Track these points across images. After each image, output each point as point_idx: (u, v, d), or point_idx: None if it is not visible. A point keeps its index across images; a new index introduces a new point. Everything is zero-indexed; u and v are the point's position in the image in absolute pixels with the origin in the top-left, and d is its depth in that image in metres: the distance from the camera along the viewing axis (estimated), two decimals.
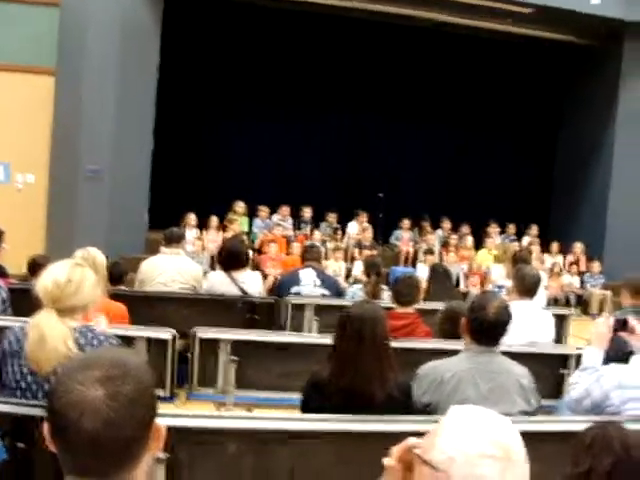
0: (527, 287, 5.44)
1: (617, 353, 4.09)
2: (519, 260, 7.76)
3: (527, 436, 1.61)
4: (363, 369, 3.34)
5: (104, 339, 3.10)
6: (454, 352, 3.91)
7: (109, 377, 1.42)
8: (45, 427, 1.46)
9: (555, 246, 14.45)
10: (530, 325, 5.09)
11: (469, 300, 11.44)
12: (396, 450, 1.68)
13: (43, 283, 3.07)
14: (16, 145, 11.76)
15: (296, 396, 4.47)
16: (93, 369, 1.42)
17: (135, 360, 1.52)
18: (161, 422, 1.52)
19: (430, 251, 13.06)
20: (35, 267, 6.58)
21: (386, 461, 1.69)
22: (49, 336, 2.94)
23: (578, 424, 3.45)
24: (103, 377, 1.41)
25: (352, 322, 3.44)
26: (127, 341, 4.38)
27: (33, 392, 3.00)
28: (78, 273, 3.12)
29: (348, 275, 12.32)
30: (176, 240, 6.61)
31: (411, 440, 1.64)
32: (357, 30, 15.03)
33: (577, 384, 3.75)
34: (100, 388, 1.40)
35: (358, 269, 12.01)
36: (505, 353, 3.80)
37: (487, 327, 3.59)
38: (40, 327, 2.96)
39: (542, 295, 7.29)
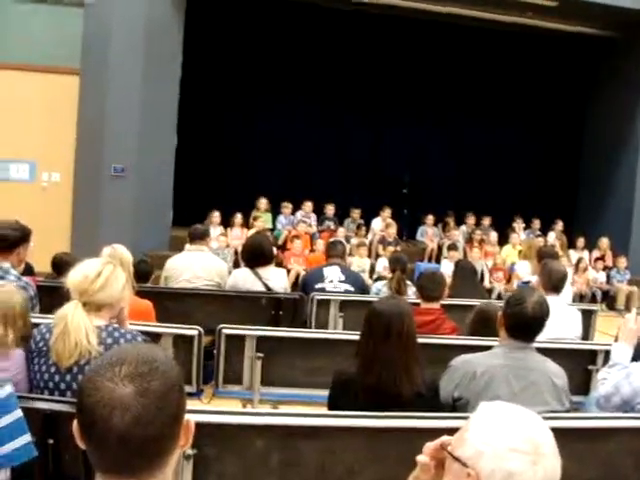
0: (553, 283, 5.40)
1: None
2: (545, 255, 7.71)
3: (555, 432, 1.60)
4: (390, 366, 3.32)
5: (131, 337, 3.11)
6: (481, 348, 3.89)
7: (138, 373, 1.42)
8: (74, 425, 1.47)
9: (581, 241, 14.35)
10: (557, 321, 5.04)
11: (495, 295, 11.41)
12: (429, 447, 1.67)
13: (73, 276, 3.11)
14: (41, 144, 11.86)
15: (321, 393, 4.47)
16: (122, 366, 1.43)
17: (163, 356, 1.52)
18: (190, 419, 1.52)
19: (454, 247, 13.00)
20: (59, 265, 6.63)
21: (419, 458, 1.68)
22: (72, 329, 2.96)
23: (607, 421, 3.43)
24: (132, 373, 1.42)
25: (378, 318, 3.41)
26: (153, 338, 4.39)
27: (61, 391, 3.01)
28: (109, 270, 3.14)
29: (372, 271, 12.29)
30: (200, 237, 6.62)
31: (444, 438, 1.63)
32: (379, 25, 15.03)
33: (606, 380, 3.71)
34: (129, 385, 1.40)
35: (382, 265, 11.99)
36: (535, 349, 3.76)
37: (524, 322, 3.55)
38: (65, 318, 2.98)
39: (568, 291, 7.23)
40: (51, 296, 5.45)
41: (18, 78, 11.81)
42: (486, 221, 14.64)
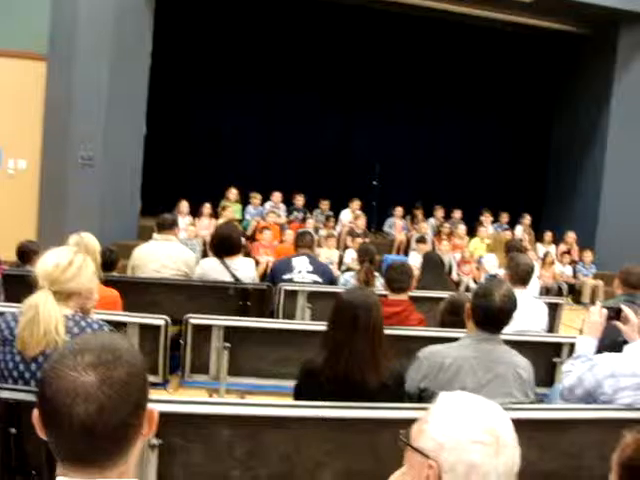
0: (520, 276, 5.44)
1: (610, 342, 4.09)
2: (512, 249, 7.78)
3: (520, 424, 1.61)
4: (357, 356, 3.33)
5: (98, 327, 3.08)
6: (448, 340, 3.90)
7: (101, 362, 1.40)
8: (35, 414, 1.45)
9: (548, 235, 14.48)
10: (523, 314, 5.08)
11: (462, 288, 11.48)
12: None
13: (44, 264, 3.05)
14: (8, 131, 11.69)
15: (289, 383, 4.47)
16: (84, 354, 1.41)
17: (126, 344, 1.50)
18: (154, 408, 1.51)
19: (423, 239, 13.05)
20: (24, 253, 6.58)
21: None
22: (42, 318, 2.92)
23: (570, 412, 3.47)
24: (95, 362, 1.40)
25: (345, 309, 3.42)
26: (120, 327, 4.37)
27: (25, 380, 2.97)
28: (80, 259, 3.11)
29: (341, 262, 12.31)
30: (168, 227, 6.56)
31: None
32: (353, 15, 15.03)
33: (570, 372, 3.75)
34: (92, 373, 1.39)
35: (350, 256, 12.01)
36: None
37: (492, 314, 3.57)
38: (35, 307, 2.94)
39: (535, 284, 7.30)
40: (16, 285, 5.41)
41: None
42: (457, 214, 14.73)
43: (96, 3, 11.39)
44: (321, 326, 4.64)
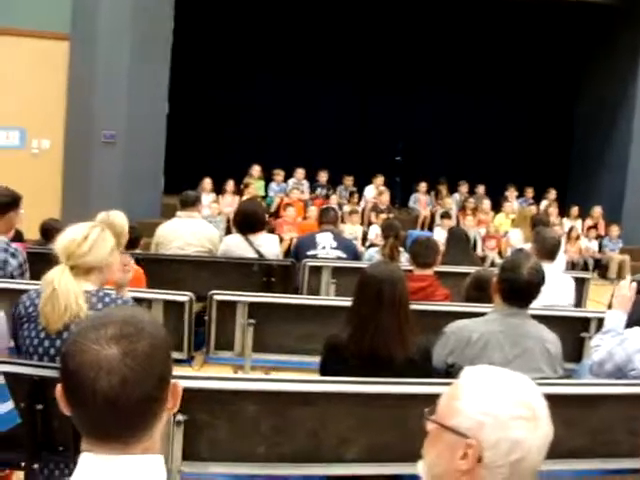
0: (547, 249, 5.38)
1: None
2: (538, 223, 7.69)
3: (548, 399, 1.57)
4: (382, 331, 3.30)
5: (122, 303, 3.08)
6: (474, 315, 3.87)
7: (123, 334, 1.38)
8: (58, 389, 1.43)
9: (574, 210, 14.34)
10: (551, 288, 5.02)
11: (488, 263, 11.41)
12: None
13: (60, 240, 3.06)
14: (31, 111, 11.74)
15: (313, 359, 4.46)
16: (107, 327, 1.39)
17: (148, 317, 1.48)
18: (178, 382, 1.49)
19: (447, 215, 12.98)
20: (47, 231, 6.60)
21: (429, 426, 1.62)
22: (61, 293, 2.92)
23: (599, 387, 3.42)
24: (117, 335, 1.37)
25: (370, 283, 3.39)
26: (144, 304, 4.37)
27: (51, 357, 2.98)
28: (95, 232, 3.10)
29: (365, 238, 12.27)
30: (191, 203, 6.55)
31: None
32: None
33: (599, 347, 3.70)
34: (115, 346, 1.36)
35: (374, 232, 11.97)
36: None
37: (519, 288, 3.52)
38: (52, 282, 2.94)
39: (562, 259, 7.22)
40: (40, 262, 5.41)
41: (7, 43, 11.64)
42: (480, 189, 14.62)
43: None
44: (346, 302, 4.62)
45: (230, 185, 12.88)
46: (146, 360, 1.38)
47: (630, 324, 3.80)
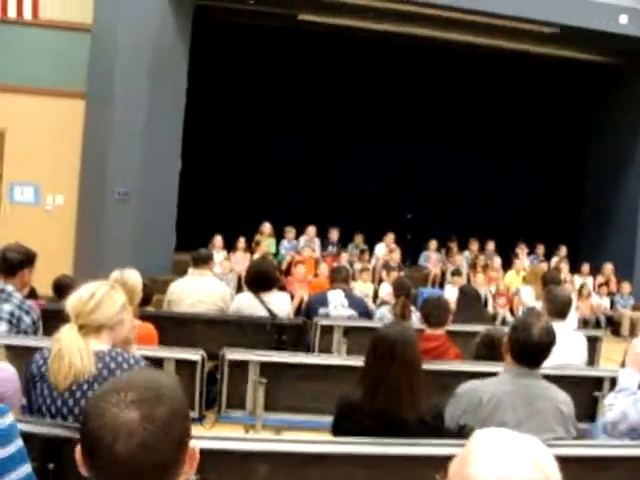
0: (559, 308, 5.37)
1: None
2: (549, 281, 7.68)
3: (563, 460, 1.57)
4: (394, 391, 3.30)
5: (134, 362, 3.09)
6: (486, 374, 3.86)
7: (143, 399, 1.40)
8: (77, 450, 1.44)
9: (585, 267, 14.30)
10: (563, 347, 5.01)
11: (499, 321, 11.36)
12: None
13: (70, 299, 3.11)
14: (46, 167, 11.91)
15: (325, 419, 4.43)
16: (127, 391, 1.41)
17: (168, 382, 1.50)
18: (195, 446, 1.50)
19: (458, 272, 12.97)
20: (60, 288, 6.64)
21: None
22: (66, 351, 2.93)
23: (615, 449, 3.39)
24: (137, 399, 1.39)
25: (383, 343, 3.40)
26: (156, 362, 4.36)
27: (63, 415, 2.98)
28: (103, 290, 3.13)
29: (376, 296, 12.26)
30: (203, 261, 6.59)
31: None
32: (382, 52, 15.14)
33: (613, 406, 3.68)
34: (134, 410, 1.38)
35: (385, 290, 11.95)
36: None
37: (530, 348, 3.52)
38: (59, 340, 2.97)
39: (573, 317, 7.20)
40: (53, 319, 5.44)
41: (24, 101, 11.87)
42: (490, 246, 14.62)
43: (134, 42, 11.59)
44: (357, 361, 4.62)
45: (241, 242, 12.94)
46: (165, 425, 1.39)
47: None
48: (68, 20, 11.97)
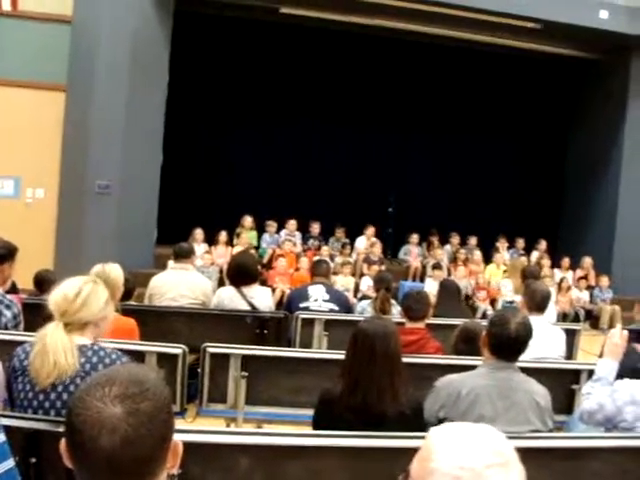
0: (537, 302, 5.42)
1: (630, 367, 4.07)
2: (528, 275, 7.75)
3: (540, 452, 1.60)
4: (375, 385, 3.34)
5: (116, 357, 3.10)
6: (465, 368, 3.90)
7: (128, 394, 1.42)
8: (62, 444, 1.46)
9: (565, 261, 14.40)
10: (541, 341, 5.07)
11: (479, 315, 11.43)
12: None
13: (53, 296, 3.10)
14: (26, 160, 11.83)
15: (305, 412, 4.47)
16: (112, 386, 1.43)
17: (153, 377, 1.52)
18: (179, 441, 1.52)
19: (438, 266, 13.03)
20: (41, 282, 6.64)
21: None
22: (51, 349, 2.95)
23: (591, 440, 3.45)
24: (122, 394, 1.42)
25: (364, 338, 3.43)
26: (138, 356, 4.36)
27: (45, 410, 2.99)
28: (88, 288, 3.13)
29: (357, 290, 12.30)
30: (185, 255, 6.61)
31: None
32: (368, 43, 15.13)
33: (590, 395, 3.74)
34: (119, 405, 1.40)
35: (366, 284, 12.01)
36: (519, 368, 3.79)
37: (508, 342, 3.58)
38: (44, 339, 2.97)
39: (552, 310, 7.26)
40: (35, 314, 5.43)
41: (4, 93, 11.79)
42: (472, 241, 14.66)
43: (114, 35, 11.54)
44: (338, 355, 4.65)
45: (222, 236, 12.92)
46: (149, 420, 1.42)
47: (621, 372, 3.84)
48: (48, 12, 11.87)
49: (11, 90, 11.81)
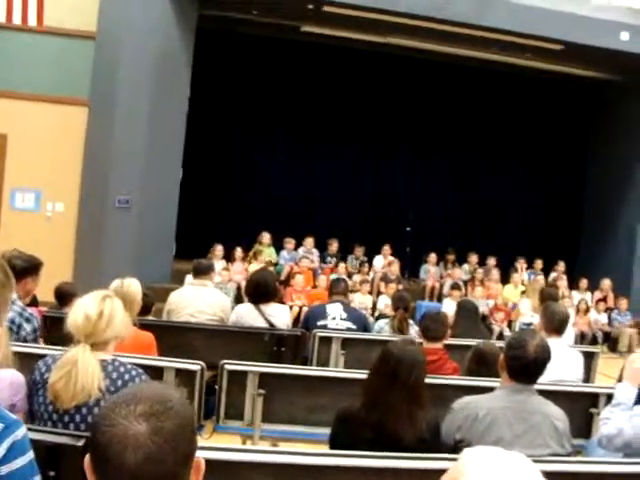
0: (555, 325, 5.38)
1: None
2: (547, 297, 7.71)
3: (558, 477, 1.60)
4: (392, 410, 3.33)
5: (136, 374, 3.12)
6: (482, 389, 3.89)
7: (153, 412, 1.43)
8: (86, 460, 1.48)
9: (583, 283, 14.31)
10: (559, 363, 5.04)
11: (495, 336, 11.35)
12: None
13: (74, 318, 3.09)
14: (47, 174, 11.94)
15: (321, 431, 4.46)
16: (137, 404, 1.44)
17: (177, 395, 1.53)
18: (201, 458, 1.53)
19: (457, 286, 12.97)
20: (61, 295, 6.67)
21: None
22: (81, 374, 2.95)
23: (610, 466, 3.42)
24: (147, 412, 1.43)
25: (388, 361, 3.43)
26: (156, 372, 4.38)
27: (65, 423, 3.01)
28: (109, 306, 3.13)
29: (374, 308, 12.29)
30: (204, 272, 6.62)
31: None
32: (391, 63, 15.21)
33: (609, 420, 3.70)
34: (144, 423, 1.41)
35: (383, 302, 12.00)
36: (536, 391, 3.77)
37: (526, 365, 3.55)
38: (74, 364, 2.96)
39: (570, 333, 7.22)
40: (55, 327, 5.48)
41: (27, 108, 11.91)
42: (491, 261, 14.53)
43: (137, 50, 11.64)
44: (355, 374, 4.65)
45: (239, 252, 12.95)
46: (173, 439, 1.43)
47: None
48: (72, 28, 12.01)
49: (34, 105, 11.94)
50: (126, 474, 1.39)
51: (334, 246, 14.00)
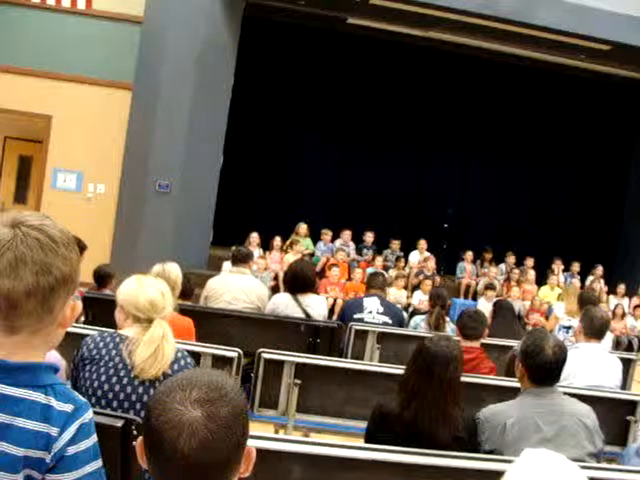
0: (596, 329, 5.30)
1: None
2: (586, 301, 7.61)
3: None
4: (427, 407, 3.32)
5: (181, 356, 3.23)
6: (518, 390, 3.85)
7: (208, 399, 1.44)
8: (139, 442, 1.49)
9: (621, 288, 14.14)
10: (597, 369, 4.99)
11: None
12: None
13: (147, 296, 3.20)
14: (90, 155, 12.07)
15: (354, 423, 4.47)
16: (192, 390, 1.45)
17: (231, 383, 1.53)
18: (252, 447, 1.53)
19: (492, 286, 12.87)
20: (100, 277, 6.74)
21: None
22: (167, 348, 3.10)
23: None
24: (202, 398, 1.43)
25: (424, 357, 3.41)
26: (193, 357, 4.39)
27: (108, 400, 3.07)
28: (165, 288, 3.31)
29: (409, 303, 12.25)
30: (243, 259, 6.63)
31: None
32: (431, 58, 15.12)
33: None
34: (198, 409, 1.42)
35: (418, 298, 11.96)
36: (572, 395, 3.72)
37: (550, 370, 3.50)
38: (164, 338, 3.11)
39: (608, 338, 7.13)
40: (94, 307, 5.55)
41: (72, 90, 12.06)
42: (529, 262, 14.35)
43: (183, 36, 11.70)
44: (389, 368, 4.65)
45: (277, 241, 12.97)
46: (227, 426, 1.43)
47: None
48: (120, 12, 12.14)
49: (79, 87, 12.08)
50: (180, 460, 1.40)
51: (370, 238, 13.94)
